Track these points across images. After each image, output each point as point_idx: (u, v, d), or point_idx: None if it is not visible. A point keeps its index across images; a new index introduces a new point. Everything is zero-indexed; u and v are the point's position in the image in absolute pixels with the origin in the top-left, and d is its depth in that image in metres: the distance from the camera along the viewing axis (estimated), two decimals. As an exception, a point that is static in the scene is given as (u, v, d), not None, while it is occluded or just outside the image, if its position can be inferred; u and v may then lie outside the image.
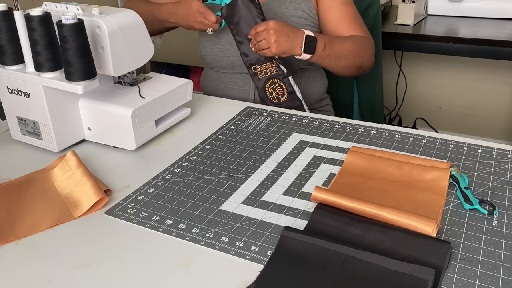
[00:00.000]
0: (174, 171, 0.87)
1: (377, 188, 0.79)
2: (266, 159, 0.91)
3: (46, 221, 0.74)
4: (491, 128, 2.41)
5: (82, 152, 0.93)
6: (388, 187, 0.79)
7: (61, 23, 0.81)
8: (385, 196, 0.77)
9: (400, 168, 0.82)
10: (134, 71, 1.00)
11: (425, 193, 0.77)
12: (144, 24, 0.94)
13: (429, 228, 0.66)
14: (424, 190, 0.78)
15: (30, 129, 0.95)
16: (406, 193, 0.78)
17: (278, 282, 0.61)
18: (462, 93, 2.41)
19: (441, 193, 0.77)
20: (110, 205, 0.78)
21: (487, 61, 2.26)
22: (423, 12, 2.09)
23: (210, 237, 0.70)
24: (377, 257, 0.62)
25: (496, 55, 1.78)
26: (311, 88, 1.30)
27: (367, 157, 0.86)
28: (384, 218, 0.69)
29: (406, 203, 0.75)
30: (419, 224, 0.67)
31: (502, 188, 0.79)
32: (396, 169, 0.82)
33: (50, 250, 0.69)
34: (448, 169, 0.80)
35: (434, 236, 0.66)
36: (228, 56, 1.26)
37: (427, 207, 0.74)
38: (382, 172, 0.82)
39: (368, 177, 0.82)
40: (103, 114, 0.94)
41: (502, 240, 0.67)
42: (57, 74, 0.88)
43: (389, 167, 0.83)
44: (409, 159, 0.84)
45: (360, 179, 0.82)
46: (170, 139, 1.01)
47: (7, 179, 0.86)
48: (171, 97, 1.01)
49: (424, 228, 0.67)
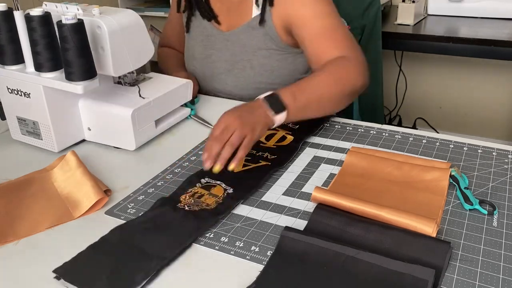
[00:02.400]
0: (174, 171, 0.87)
1: (376, 188, 0.79)
2: (266, 159, 0.91)
3: (46, 221, 0.74)
4: (491, 128, 2.41)
5: (82, 152, 0.93)
6: (388, 187, 0.79)
7: (61, 23, 0.81)
8: (385, 196, 0.77)
9: (400, 168, 0.82)
10: (134, 71, 0.99)
11: (425, 193, 0.77)
12: (144, 25, 0.94)
13: (429, 228, 0.66)
14: (424, 190, 0.78)
15: (30, 129, 0.95)
16: (406, 193, 0.78)
17: (278, 282, 0.61)
18: (462, 93, 2.41)
19: (441, 193, 0.77)
20: (110, 205, 0.78)
21: (487, 61, 2.26)
22: (423, 12, 2.09)
23: (210, 237, 0.70)
24: (377, 257, 0.62)
25: (496, 55, 1.78)
26: None
27: (367, 157, 0.85)
28: (384, 218, 0.69)
29: (406, 203, 0.75)
30: (419, 224, 0.67)
31: (502, 188, 0.79)
32: (396, 169, 0.82)
33: (50, 250, 0.69)
34: (448, 169, 0.80)
35: (434, 236, 0.66)
36: (204, 86, 1.23)
37: (427, 207, 0.74)
38: (382, 172, 0.82)
39: (368, 177, 0.82)
40: (103, 114, 0.94)
41: (502, 240, 0.67)
42: (57, 74, 0.88)
43: (389, 167, 0.83)
44: (409, 159, 0.84)
45: (360, 180, 0.82)
46: (170, 139, 1.01)
47: (7, 179, 0.86)
48: (171, 97, 1.01)
49: (424, 228, 0.67)
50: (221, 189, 0.80)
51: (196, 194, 0.79)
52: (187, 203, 0.76)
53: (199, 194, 0.79)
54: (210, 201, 0.77)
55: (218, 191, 0.80)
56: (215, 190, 0.80)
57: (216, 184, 0.82)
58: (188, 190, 0.80)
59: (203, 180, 0.83)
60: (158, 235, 0.69)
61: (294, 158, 0.90)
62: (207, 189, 0.80)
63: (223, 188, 0.80)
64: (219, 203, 0.76)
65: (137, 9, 2.53)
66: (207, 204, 0.76)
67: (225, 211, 0.74)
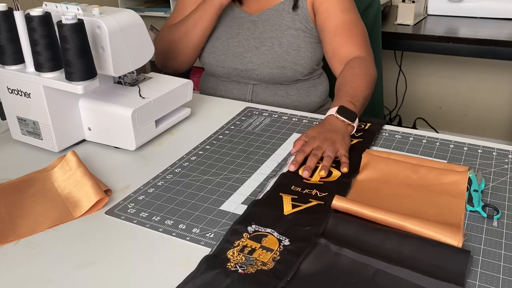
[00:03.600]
0: (174, 171, 0.87)
1: (396, 192, 0.78)
2: (266, 159, 0.91)
3: (46, 221, 0.74)
4: (491, 128, 2.41)
5: (82, 152, 0.93)
6: (407, 192, 0.78)
7: (61, 23, 0.81)
8: (405, 201, 0.75)
9: (417, 172, 0.81)
10: (134, 71, 1.00)
11: (445, 197, 0.76)
12: (144, 25, 0.94)
13: (454, 242, 0.65)
14: (444, 194, 0.76)
15: (30, 129, 0.95)
16: (426, 197, 0.76)
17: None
18: (462, 93, 2.41)
19: (461, 196, 0.75)
20: (110, 205, 0.78)
21: (487, 61, 2.26)
22: (423, 12, 2.09)
23: (210, 237, 0.70)
24: (408, 272, 0.60)
25: (496, 55, 1.78)
26: (310, 97, 1.27)
27: (382, 160, 0.84)
28: (408, 229, 0.67)
29: (427, 207, 0.73)
30: (443, 237, 0.65)
31: (502, 188, 0.79)
32: (412, 172, 0.81)
33: (50, 250, 0.69)
34: (466, 172, 0.79)
35: (460, 246, 0.65)
36: (223, 66, 1.25)
37: (449, 211, 0.72)
38: (398, 176, 0.81)
39: (385, 181, 0.80)
40: (103, 114, 0.94)
41: (502, 240, 0.67)
42: (57, 74, 0.88)
43: (405, 171, 0.81)
44: (423, 162, 0.83)
45: (377, 184, 0.80)
46: (170, 139, 1.01)
47: (7, 179, 0.86)
48: (171, 97, 1.01)
49: (450, 241, 0.65)
50: (275, 240, 0.67)
51: (246, 249, 0.66)
52: (238, 262, 0.63)
53: (249, 248, 0.66)
54: (266, 258, 0.64)
55: (271, 243, 0.67)
56: (268, 241, 0.67)
57: (266, 232, 0.69)
58: (235, 243, 0.67)
59: (250, 228, 0.70)
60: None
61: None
62: (257, 240, 0.67)
63: (277, 239, 0.67)
64: (277, 260, 0.64)
65: (137, 9, 2.53)
66: (263, 262, 0.63)
67: (287, 272, 0.61)
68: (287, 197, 0.77)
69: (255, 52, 1.22)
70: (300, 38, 1.21)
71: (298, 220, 0.71)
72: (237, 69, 1.24)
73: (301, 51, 1.21)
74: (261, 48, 1.22)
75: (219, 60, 1.26)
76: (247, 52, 1.23)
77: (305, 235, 0.67)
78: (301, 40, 1.21)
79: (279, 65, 1.21)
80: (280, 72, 1.21)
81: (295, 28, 1.21)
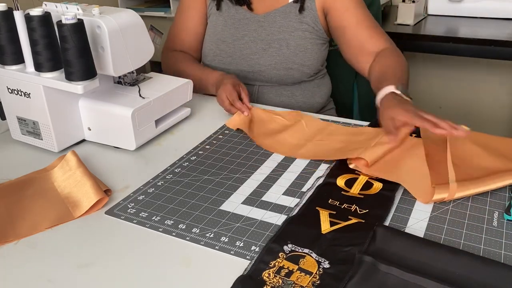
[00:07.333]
0: (174, 171, 0.87)
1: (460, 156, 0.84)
2: (266, 159, 0.91)
3: (46, 221, 0.74)
4: (491, 128, 2.41)
5: (82, 152, 0.93)
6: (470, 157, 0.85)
7: (61, 23, 0.81)
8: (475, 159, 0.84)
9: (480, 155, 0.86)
10: (134, 71, 1.00)
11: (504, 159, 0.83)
12: (144, 25, 0.94)
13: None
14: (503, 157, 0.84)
15: (30, 129, 0.95)
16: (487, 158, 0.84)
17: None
18: (462, 93, 2.41)
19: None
20: (110, 205, 0.78)
21: (487, 61, 2.26)
22: (423, 12, 2.09)
23: (210, 237, 0.70)
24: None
25: (496, 55, 1.78)
26: (314, 97, 1.27)
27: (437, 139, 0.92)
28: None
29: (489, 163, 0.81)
30: None
31: (502, 188, 0.79)
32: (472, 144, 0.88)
33: (50, 250, 0.69)
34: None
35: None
36: (230, 68, 1.24)
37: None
38: (457, 150, 0.87)
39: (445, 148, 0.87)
40: (103, 114, 0.94)
41: (502, 240, 0.67)
42: (57, 74, 0.88)
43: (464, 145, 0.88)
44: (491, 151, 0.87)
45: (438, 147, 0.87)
46: (170, 139, 1.01)
47: (7, 179, 0.86)
48: (171, 97, 1.01)
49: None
50: (313, 261, 0.63)
51: (283, 270, 0.62)
52: (274, 285, 0.60)
53: (286, 270, 0.62)
54: (305, 282, 0.60)
55: (310, 265, 0.63)
56: (306, 263, 0.63)
57: (304, 253, 0.65)
58: (271, 263, 0.63)
59: (286, 247, 0.66)
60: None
61: (294, 157, 0.90)
62: (294, 261, 0.63)
63: (316, 260, 0.63)
64: (316, 285, 0.60)
65: (137, 9, 2.53)
66: (301, 286, 0.59)
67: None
68: (324, 213, 0.73)
69: (262, 54, 1.21)
70: (307, 40, 1.20)
71: (337, 239, 0.67)
72: (244, 71, 1.23)
73: (308, 53, 1.21)
74: (268, 50, 1.21)
75: (225, 63, 1.25)
76: (254, 54, 1.22)
77: (346, 257, 0.63)
78: (308, 41, 1.20)
79: (287, 66, 1.20)
80: (287, 73, 1.21)
81: (302, 30, 1.20)
